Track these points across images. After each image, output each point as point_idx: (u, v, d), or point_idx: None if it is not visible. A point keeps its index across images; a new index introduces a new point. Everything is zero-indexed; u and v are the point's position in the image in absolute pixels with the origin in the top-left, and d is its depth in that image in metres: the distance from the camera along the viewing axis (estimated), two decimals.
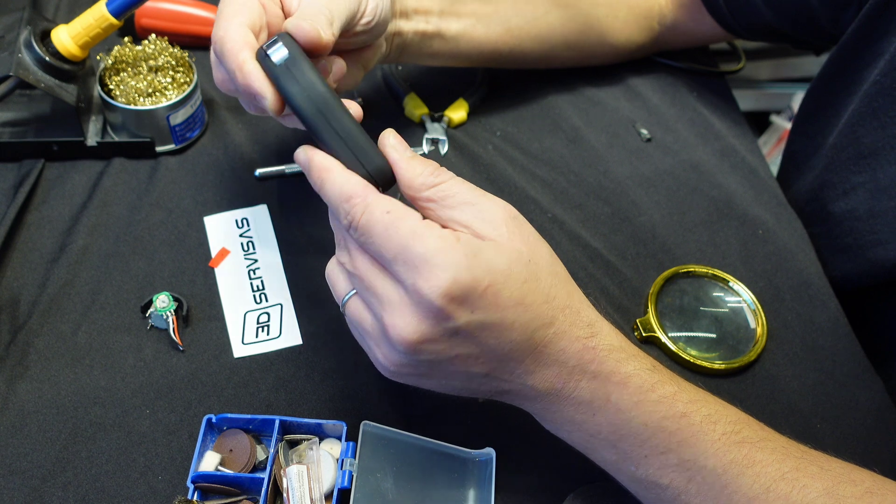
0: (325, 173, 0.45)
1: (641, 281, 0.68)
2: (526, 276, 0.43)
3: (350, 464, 0.52)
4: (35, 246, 0.67)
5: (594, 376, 0.45)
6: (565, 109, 0.83)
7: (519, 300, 0.43)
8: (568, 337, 0.45)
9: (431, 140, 0.77)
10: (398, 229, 0.42)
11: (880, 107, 0.66)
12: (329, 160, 0.45)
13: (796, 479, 0.44)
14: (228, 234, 0.69)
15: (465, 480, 0.54)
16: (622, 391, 0.45)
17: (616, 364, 0.46)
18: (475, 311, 0.42)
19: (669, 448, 0.45)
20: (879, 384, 0.64)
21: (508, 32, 0.74)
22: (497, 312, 0.42)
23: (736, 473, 0.45)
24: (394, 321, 0.42)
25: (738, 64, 0.91)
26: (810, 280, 0.70)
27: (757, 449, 0.45)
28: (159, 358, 0.61)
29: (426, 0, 0.67)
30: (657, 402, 0.46)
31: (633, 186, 0.76)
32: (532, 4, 0.74)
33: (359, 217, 0.43)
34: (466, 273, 0.41)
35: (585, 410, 0.46)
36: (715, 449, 0.45)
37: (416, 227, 0.42)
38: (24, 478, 0.54)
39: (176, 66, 0.74)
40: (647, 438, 0.46)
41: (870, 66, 0.68)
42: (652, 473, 0.46)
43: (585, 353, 0.45)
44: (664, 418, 0.45)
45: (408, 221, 0.42)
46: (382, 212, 0.42)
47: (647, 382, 0.46)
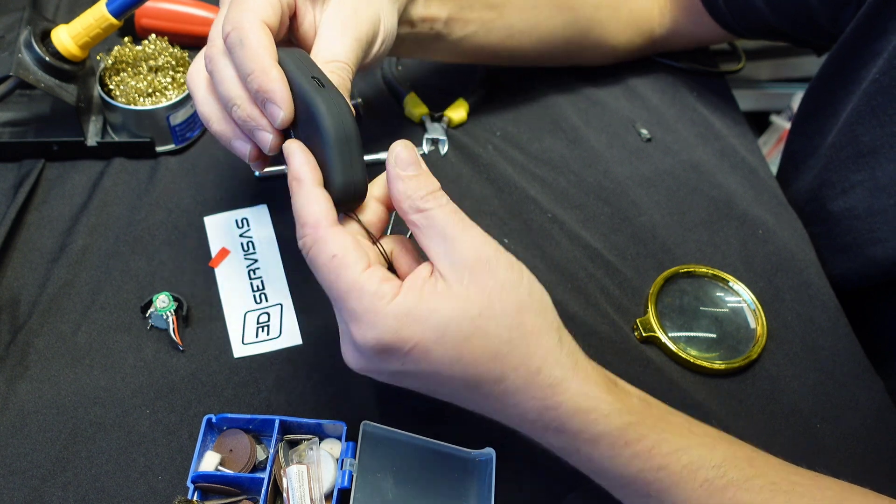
0: (295, 185, 0.44)
1: (641, 281, 0.68)
2: (469, 332, 0.42)
3: (350, 464, 0.52)
4: (35, 246, 0.67)
5: (559, 432, 0.44)
6: (565, 109, 0.83)
7: (455, 357, 0.42)
8: (523, 395, 0.43)
9: (431, 140, 0.77)
10: (339, 278, 0.42)
11: (879, 105, 0.66)
12: (304, 169, 0.44)
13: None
14: (228, 234, 0.69)
15: (465, 480, 0.54)
16: (592, 448, 0.44)
17: (583, 425, 0.44)
18: (405, 363, 0.43)
19: (648, 494, 0.45)
20: (879, 384, 0.64)
21: (511, 37, 0.74)
22: (428, 366, 0.42)
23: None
24: (343, 347, 0.46)
25: (738, 64, 0.91)
26: (810, 280, 0.70)
27: (743, 490, 0.44)
28: (159, 358, 0.61)
29: (434, 8, 0.66)
30: (632, 457, 0.44)
31: (633, 186, 0.76)
32: (535, 9, 0.74)
33: (309, 247, 0.43)
34: (392, 335, 0.41)
35: (560, 453, 0.47)
36: (696, 496, 0.44)
37: (354, 282, 0.42)
38: (24, 478, 0.54)
39: (176, 66, 0.74)
40: (623, 485, 0.46)
41: (868, 64, 0.68)
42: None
43: (545, 413, 0.44)
44: (641, 471, 0.45)
45: (349, 273, 0.42)
46: (329, 254, 0.42)
47: (619, 440, 0.44)
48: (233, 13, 0.47)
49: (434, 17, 0.66)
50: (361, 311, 0.42)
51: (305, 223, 0.43)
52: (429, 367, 0.42)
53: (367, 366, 0.44)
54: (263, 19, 0.47)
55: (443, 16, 0.67)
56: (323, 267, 0.43)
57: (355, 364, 0.45)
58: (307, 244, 0.43)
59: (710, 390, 0.63)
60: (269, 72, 0.46)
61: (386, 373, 0.44)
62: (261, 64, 0.46)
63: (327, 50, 0.50)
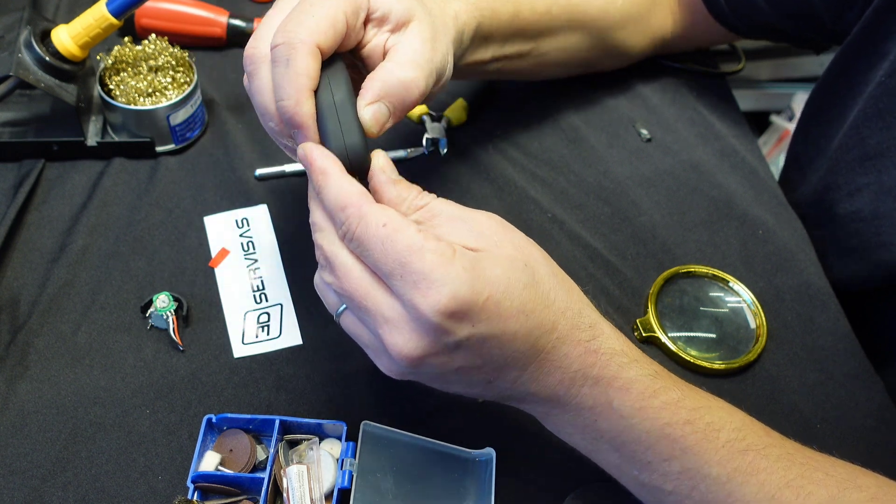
0: (323, 177, 0.43)
1: (641, 281, 0.68)
2: (525, 280, 0.43)
3: (350, 464, 0.52)
4: (35, 246, 0.67)
5: (596, 381, 0.45)
6: (565, 109, 0.83)
7: (520, 308, 0.42)
8: (570, 341, 0.44)
9: (431, 140, 0.77)
10: (395, 243, 0.40)
11: (885, 108, 0.66)
12: (327, 162, 0.44)
13: (801, 486, 0.44)
14: (228, 234, 0.69)
15: (465, 480, 0.54)
16: (624, 397, 0.45)
17: (618, 369, 0.45)
18: (476, 324, 0.41)
19: (673, 455, 0.45)
20: (879, 384, 0.64)
21: (541, 64, 0.74)
22: (499, 324, 0.42)
23: (740, 482, 0.44)
24: (393, 339, 0.41)
25: (739, 64, 0.91)
26: (810, 280, 0.70)
27: (761, 456, 0.45)
28: (159, 358, 0.61)
29: (480, 52, 0.64)
30: (660, 408, 0.45)
31: (633, 186, 0.76)
32: (565, 34, 0.73)
33: (354, 228, 0.41)
34: (466, 287, 0.40)
35: (587, 416, 0.46)
36: (719, 457, 0.45)
37: (413, 242, 0.40)
38: (24, 478, 0.54)
39: (176, 66, 0.74)
40: (650, 445, 0.45)
41: (874, 67, 0.68)
42: (655, 479, 0.46)
43: (587, 357, 0.45)
44: (667, 425, 0.45)
45: (405, 235, 0.41)
46: (378, 224, 0.41)
47: (649, 388, 0.45)
48: (290, 24, 0.45)
49: (480, 60, 0.65)
50: (429, 269, 0.40)
51: (346, 205, 0.42)
52: (498, 325, 0.42)
53: (429, 346, 0.41)
54: (318, 42, 0.45)
55: (488, 57, 0.66)
56: (374, 238, 0.41)
57: (414, 348, 0.41)
58: (352, 224, 0.41)
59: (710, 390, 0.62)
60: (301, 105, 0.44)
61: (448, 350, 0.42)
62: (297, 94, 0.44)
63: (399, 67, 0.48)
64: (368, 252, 0.41)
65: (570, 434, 0.48)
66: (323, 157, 0.44)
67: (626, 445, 0.46)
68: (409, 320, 0.41)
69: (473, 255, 0.42)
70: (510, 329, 0.42)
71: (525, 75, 0.77)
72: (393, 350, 0.42)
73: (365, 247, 0.41)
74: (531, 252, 0.45)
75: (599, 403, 0.45)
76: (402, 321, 0.41)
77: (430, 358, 0.42)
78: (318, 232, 0.45)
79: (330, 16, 0.45)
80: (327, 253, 0.44)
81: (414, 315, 0.41)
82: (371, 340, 0.44)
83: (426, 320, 0.40)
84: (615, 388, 0.45)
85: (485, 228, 0.44)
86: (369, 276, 0.43)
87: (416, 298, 0.40)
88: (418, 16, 0.50)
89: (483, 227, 0.44)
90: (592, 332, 0.45)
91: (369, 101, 0.47)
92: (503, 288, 0.42)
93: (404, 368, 0.43)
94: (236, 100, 0.80)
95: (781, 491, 0.44)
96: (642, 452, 0.46)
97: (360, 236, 0.41)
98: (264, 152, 0.75)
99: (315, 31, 0.45)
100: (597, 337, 0.45)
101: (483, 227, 0.44)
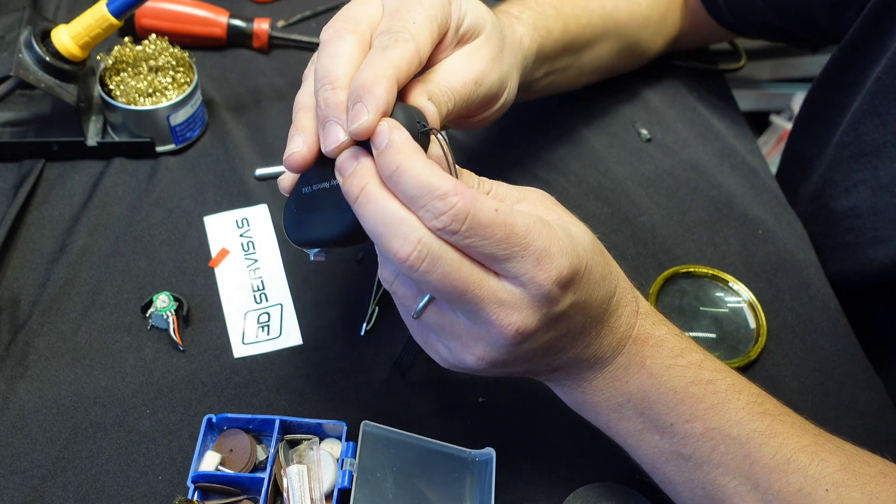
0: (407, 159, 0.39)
1: (641, 281, 0.68)
2: (598, 247, 0.45)
3: (350, 464, 0.52)
4: (35, 246, 0.67)
5: (635, 340, 0.47)
6: (565, 110, 0.83)
7: (602, 273, 0.45)
8: (624, 302, 0.47)
9: None
10: (515, 224, 0.40)
11: (882, 104, 0.66)
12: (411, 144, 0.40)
13: (815, 452, 0.45)
14: (228, 234, 0.69)
15: (465, 480, 0.54)
16: (656, 354, 0.47)
17: (652, 327, 0.48)
18: (577, 291, 0.43)
19: (696, 416, 0.46)
20: (879, 384, 0.64)
21: (580, 76, 0.75)
22: (590, 289, 0.44)
23: (759, 443, 0.45)
24: (510, 319, 0.41)
25: (739, 62, 0.91)
26: (810, 280, 0.70)
27: (778, 421, 0.46)
28: (159, 358, 0.61)
29: (534, 70, 0.64)
30: (686, 367, 0.47)
31: (633, 186, 0.76)
32: (601, 45, 0.74)
33: (465, 214, 0.39)
34: (574, 257, 0.42)
35: (621, 377, 0.47)
36: (739, 418, 0.46)
37: (528, 221, 0.40)
38: (24, 478, 0.54)
39: (176, 66, 0.74)
40: (675, 405, 0.46)
41: (872, 64, 0.68)
42: (675, 443, 0.47)
43: (632, 318, 0.47)
44: (692, 383, 0.46)
45: (521, 216, 0.40)
46: (491, 211, 0.39)
47: (677, 347, 0.48)
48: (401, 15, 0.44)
49: (533, 78, 0.66)
50: (548, 244, 0.40)
51: (447, 192, 0.38)
52: (589, 290, 0.44)
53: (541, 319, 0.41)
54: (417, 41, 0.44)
55: (539, 75, 0.67)
56: (491, 224, 0.39)
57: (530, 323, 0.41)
58: (462, 210, 0.38)
59: None
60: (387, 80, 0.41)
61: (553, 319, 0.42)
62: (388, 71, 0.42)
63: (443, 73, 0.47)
64: (486, 239, 0.40)
65: (595, 404, 0.49)
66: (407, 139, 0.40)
67: (651, 407, 0.47)
68: (526, 296, 0.41)
69: (562, 226, 0.43)
70: (595, 293, 0.44)
71: (563, 88, 0.76)
72: (509, 329, 0.41)
73: (483, 235, 0.39)
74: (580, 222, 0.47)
75: (634, 363, 0.47)
76: (518, 300, 0.41)
77: (539, 332, 0.42)
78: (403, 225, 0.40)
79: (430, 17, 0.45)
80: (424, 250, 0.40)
81: (533, 290, 0.41)
82: (466, 330, 0.43)
83: (545, 293, 0.41)
84: (649, 345, 0.47)
85: (545, 202, 0.46)
86: (477, 265, 0.41)
87: (537, 274, 0.40)
88: (488, 30, 0.50)
89: (544, 201, 0.46)
90: (634, 293, 0.48)
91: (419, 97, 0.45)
92: (592, 254, 0.44)
93: (503, 351, 0.42)
94: (236, 100, 0.80)
95: (797, 455, 0.45)
96: (666, 414, 0.47)
97: (475, 224, 0.39)
98: (264, 152, 0.75)
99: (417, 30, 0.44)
100: (637, 298, 0.48)
101: (544, 201, 0.46)
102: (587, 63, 0.74)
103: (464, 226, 0.39)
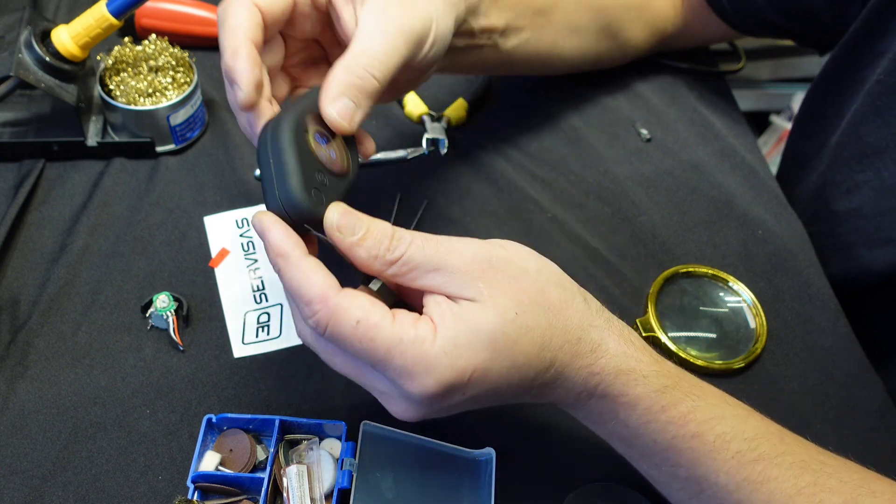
0: (281, 262, 0.41)
1: (641, 281, 0.68)
2: (515, 335, 0.41)
3: (350, 464, 0.52)
4: (35, 246, 0.67)
5: (602, 397, 0.45)
6: (565, 109, 0.83)
7: (510, 365, 0.42)
8: (571, 369, 0.44)
9: (431, 140, 0.77)
10: (374, 341, 0.39)
11: (884, 105, 0.66)
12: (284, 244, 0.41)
13: (813, 493, 0.44)
14: (228, 234, 0.69)
15: (465, 480, 0.54)
16: (630, 412, 0.45)
17: (623, 387, 0.45)
18: (467, 391, 0.41)
19: (680, 464, 0.45)
20: (879, 384, 0.64)
21: (556, 44, 0.72)
22: (489, 385, 0.42)
23: (749, 491, 0.44)
24: (392, 408, 0.43)
25: (739, 63, 0.91)
26: (810, 280, 0.70)
27: (773, 465, 0.45)
28: (159, 358, 0.61)
29: (493, 18, 0.63)
30: (667, 422, 0.45)
31: (633, 186, 0.76)
32: (577, 13, 0.72)
33: (324, 325, 0.40)
34: (450, 372, 0.40)
35: (597, 420, 0.47)
36: (727, 467, 0.44)
37: (391, 338, 0.39)
38: (24, 478, 0.54)
39: (176, 66, 0.74)
40: (657, 452, 0.46)
41: (872, 64, 0.68)
42: (664, 477, 0.47)
43: (590, 379, 0.44)
44: (674, 438, 0.45)
45: (382, 332, 0.39)
46: (352, 323, 0.39)
47: (656, 404, 0.45)
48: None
49: (493, 27, 0.63)
50: (411, 364, 0.39)
51: (311, 300, 0.39)
52: (490, 386, 0.41)
53: (427, 412, 0.42)
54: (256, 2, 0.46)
55: (500, 25, 0.64)
56: (350, 338, 0.39)
57: (414, 416, 0.43)
58: (321, 320, 0.39)
59: None
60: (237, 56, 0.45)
61: (446, 409, 0.43)
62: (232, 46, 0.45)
63: (362, 41, 0.46)
64: (346, 348, 0.41)
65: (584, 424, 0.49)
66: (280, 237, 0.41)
67: (634, 448, 0.47)
68: (403, 396, 0.42)
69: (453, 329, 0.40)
70: (502, 385, 0.42)
71: (546, 63, 0.74)
72: (396, 413, 0.43)
73: (342, 344, 0.40)
74: (522, 289, 0.42)
75: (606, 412, 0.46)
76: (396, 395, 0.42)
77: (433, 414, 0.43)
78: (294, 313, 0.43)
79: None
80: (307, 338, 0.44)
81: (406, 395, 0.41)
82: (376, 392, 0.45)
83: (419, 399, 0.41)
84: (620, 403, 0.45)
85: (470, 272, 0.41)
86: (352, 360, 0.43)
87: (404, 384, 0.40)
88: None
89: (467, 272, 0.41)
90: (594, 356, 0.44)
91: (332, 99, 0.46)
92: (489, 355, 0.41)
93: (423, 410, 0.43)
94: None
95: (793, 499, 0.44)
96: (650, 457, 0.47)
97: (334, 333, 0.40)
98: None
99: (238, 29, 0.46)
100: (599, 360, 0.44)
101: (467, 272, 0.41)
102: (565, 33, 0.72)
103: (326, 333, 0.40)
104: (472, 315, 0.41)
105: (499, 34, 0.65)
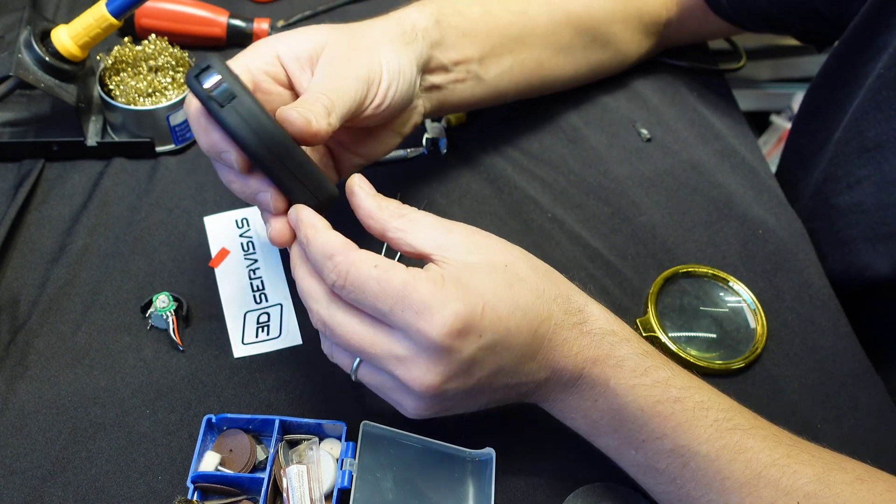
0: (312, 231, 0.46)
1: (641, 281, 0.68)
2: (510, 280, 0.45)
3: (350, 464, 0.52)
4: (35, 246, 0.67)
5: (594, 361, 0.47)
6: (565, 109, 0.83)
7: (514, 306, 0.45)
8: (566, 325, 0.47)
9: (431, 140, 0.77)
10: (391, 281, 0.43)
11: (885, 100, 0.66)
12: (318, 220, 0.46)
13: (787, 465, 0.46)
14: (228, 234, 0.69)
15: (465, 480, 0.54)
16: (618, 374, 0.47)
17: (610, 347, 0.48)
18: (482, 334, 0.43)
19: (664, 433, 0.47)
20: (879, 384, 0.64)
21: (541, 66, 0.73)
22: (500, 326, 0.44)
23: (728, 459, 0.46)
24: (411, 374, 0.44)
25: (739, 62, 0.91)
26: (810, 280, 0.70)
27: (748, 436, 0.47)
28: (159, 358, 0.61)
29: (466, 49, 0.64)
30: (651, 385, 0.47)
31: (633, 186, 0.76)
32: (556, 34, 0.73)
33: (345, 274, 0.44)
34: (462, 304, 0.43)
35: (588, 397, 0.48)
36: (707, 435, 0.46)
37: (406, 277, 0.43)
38: (24, 478, 0.54)
39: (176, 66, 0.74)
40: (643, 423, 0.47)
41: (873, 59, 0.68)
42: (650, 458, 0.48)
43: (583, 339, 0.47)
44: (658, 402, 0.47)
45: (397, 272, 0.43)
46: (370, 266, 0.43)
47: (640, 366, 0.48)
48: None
49: (467, 58, 0.64)
50: (428, 296, 0.42)
51: (333, 253, 0.44)
52: (500, 327, 0.44)
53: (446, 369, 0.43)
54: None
55: (475, 55, 0.65)
56: (369, 280, 0.43)
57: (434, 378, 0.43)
58: (342, 270, 0.44)
59: None
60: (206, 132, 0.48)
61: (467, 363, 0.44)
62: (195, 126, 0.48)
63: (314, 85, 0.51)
64: (364, 294, 0.44)
65: (573, 419, 0.50)
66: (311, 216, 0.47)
67: (622, 425, 0.48)
68: (421, 351, 0.43)
69: (457, 273, 0.44)
70: (512, 327, 0.45)
71: (537, 86, 0.75)
72: (414, 384, 0.44)
73: (361, 289, 0.43)
74: (507, 252, 0.48)
75: (599, 383, 0.48)
76: (414, 355, 0.44)
77: (451, 381, 0.44)
78: (310, 299, 0.47)
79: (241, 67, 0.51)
80: (324, 316, 0.46)
81: (424, 344, 0.43)
82: (392, 384, 0.46)
83: (437, 345, 0.42)
84: (610, 365, 0.47)
85: (459, 241, 0.46)
86: (370, 323, 0.45)
87: (421, 326, 0.42)
88: (331, 42, 0.52)
89: (458, 239, 0.46)
90: (582, 314, 0.48)
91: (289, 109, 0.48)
92: (493, 293, 0.44)
93: (430, 401, 0.45)
94: None
95: (767, 469, 0.45)
96: (636, 431, 0.48)
97: (354, 280, 0.43)
98: None
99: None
100: (587, 319, 0.48)
101: (458, 239, 0.46)
102: (548, 54, 0.72)
103: (346, 281, 0.44)
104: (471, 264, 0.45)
105: (476, 64, 0.66)
